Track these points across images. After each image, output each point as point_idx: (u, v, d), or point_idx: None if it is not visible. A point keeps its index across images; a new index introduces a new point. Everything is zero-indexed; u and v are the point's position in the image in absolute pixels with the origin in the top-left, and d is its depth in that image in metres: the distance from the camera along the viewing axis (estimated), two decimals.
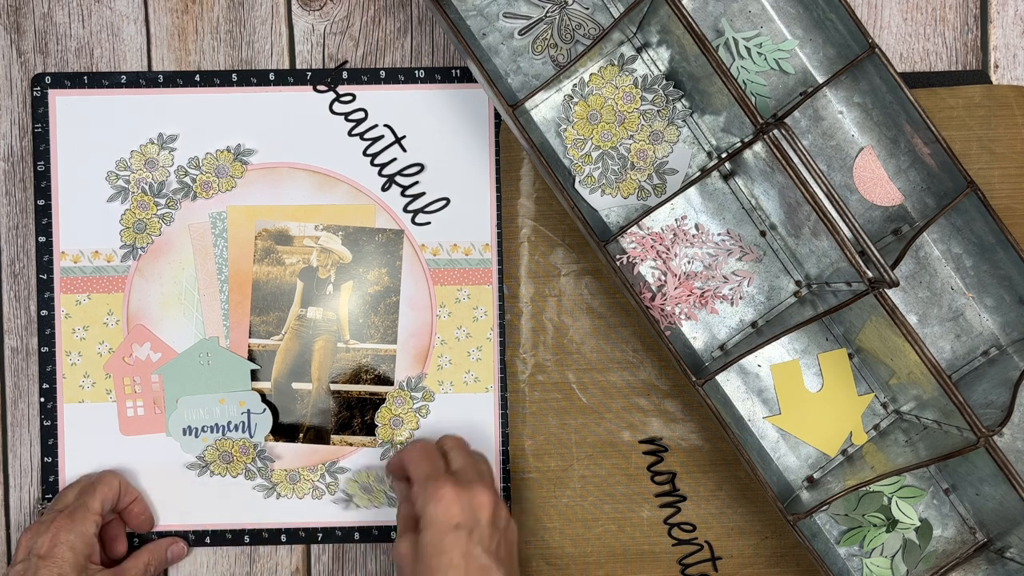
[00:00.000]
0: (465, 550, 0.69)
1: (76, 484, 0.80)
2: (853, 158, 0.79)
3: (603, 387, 0.83)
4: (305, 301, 0.84)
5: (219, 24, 0.84)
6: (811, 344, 0.81)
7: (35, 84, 0.83)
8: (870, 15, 0.83)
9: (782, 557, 0.83)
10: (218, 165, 0.83)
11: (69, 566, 0.74)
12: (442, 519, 0.69)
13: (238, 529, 0.84)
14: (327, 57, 0.84)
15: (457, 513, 0.70)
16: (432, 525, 0.70)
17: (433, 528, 0.69)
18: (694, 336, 0.80)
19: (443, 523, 0.69)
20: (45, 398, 0.83)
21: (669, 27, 0.74)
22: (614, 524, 0.83)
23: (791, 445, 0.80)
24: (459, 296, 0.84)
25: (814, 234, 0.73)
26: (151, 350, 0.84)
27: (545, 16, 0.80)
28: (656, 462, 0.83)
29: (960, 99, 0.81)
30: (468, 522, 0.70)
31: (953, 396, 0.70)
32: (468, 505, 0.70)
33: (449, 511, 0.70)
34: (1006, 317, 0.78)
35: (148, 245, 0.83)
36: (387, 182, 0.84)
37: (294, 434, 0.84)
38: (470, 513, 0.70)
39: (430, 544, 0.69)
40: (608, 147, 0.79)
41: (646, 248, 0.79)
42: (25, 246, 0.84)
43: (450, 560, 0.68)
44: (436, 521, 0.69)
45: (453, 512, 0.70)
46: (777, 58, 0.79)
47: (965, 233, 0.78)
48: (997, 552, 0.78)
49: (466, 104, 0.83)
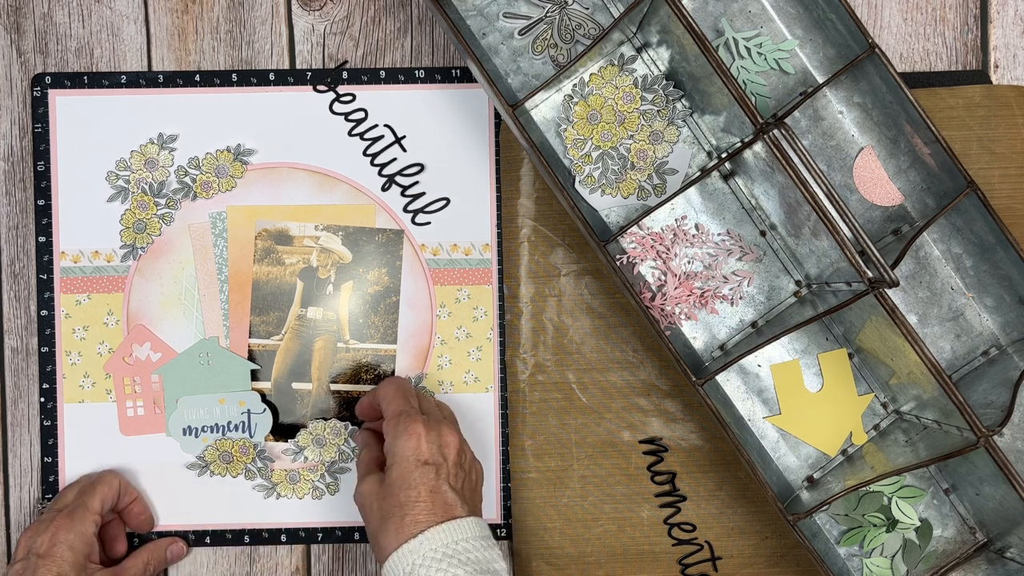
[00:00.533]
0: (433, 486, 0.70)
1: (76, 484, 0.80)
2: (853, 158, 0.79)
3: (603, 387, 0.83)
4: (305, 301, 0.84)
5: (219, 24, 0.84)
6: (811, 344, 0.81)
7: (35, 84, 0.83)
8: (870, 15, 0.83)
9: (782, 557, 0.83)
10: (218, 165, 0.83)
11: (68, 565, 0.74)
12: (411, 455, 0.71)
13: (238, 529, 0.84)
14: (327, 57, 0.84)
15: (426, 450, 0.71)
16: (402, 460, 0.71)
17: (402, 463, 0.71)
18: (694, 336, 0.80)
19: (412, 459, 0.71)
20: (45, 398, 0.83)
21: (669, 27, 0.74)
22: (614, 524, 0.83)
23: (791, 445, 0.80)
24: (459, 296, 0.84)
25: (814, 234, 0.73)
26: (151, 350, 0.84)
27: (545, 16, 0.80)
28: (656, 462, 0.83)
29: (960, 99, 0.81)
30: (436, 459, 0.72)
31: (953, 396, 0.70)
32: (436, 443, 0.72)
33: (419, 447, 0.71)
34: (1006, 317, 0.78)
35: (148, 245, 0.83)
36: (387, 182, 0.84)
37: (294, 434, 0.84)
38: (438, 451, 0.72)
39: (399, 478, 0.71)
40: (608, 147, 0.79)
41: (646, 248, 0.79)
42: (25, 246, 0.84)
43: (418, 494, 0.70)
44: (406, 457, 0.71)
45: (422, 449, 0.71)
46: (777, 58, 0.79)
47: (965, 233, 0.78)
48: (997, 552, 0.78)
49: (466, 104, 0.83)
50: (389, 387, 0.77)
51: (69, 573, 0.74)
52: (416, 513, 0.69)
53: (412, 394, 0.77)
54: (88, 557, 0.76)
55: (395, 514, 0.70)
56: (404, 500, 0.70)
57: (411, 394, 0.77)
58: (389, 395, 0.76)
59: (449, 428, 0.74)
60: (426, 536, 0.68)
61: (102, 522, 0.79)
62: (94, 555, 0.77)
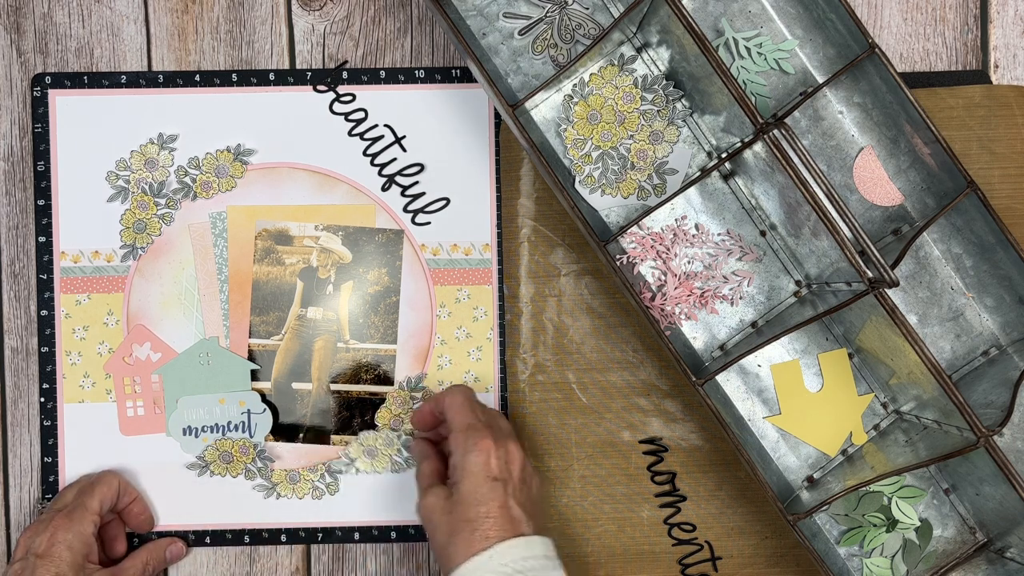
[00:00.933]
0: (502, 502, 0.70)
1: (75, 484, 0.80)
2: (853, 158, 0.79)
3: (603, 387, 0.83)
4: (305, 301, 0.84)
5: (219, 24, 0.84)
6: (811, 344, 0.81)
7: (35, 84, 0.83)
8: (870, 15, 0.83)
9: (782, 557, 0.83)
10: (218, 165, 0.83)
11: (67, 565, 0.74)
12: (482, 470, 0.70)
13: (238, 529, 0.84)
14: (327, 57, 0.84)
15: (495, 466, 0.71)
16: (471, 476, 0.70)
17: (472, 479, 0.70)
18: (694, 336, 0.80)
19: (482, 474, 0.70)
20: (45, 398, 0.83)
21: (669, 27, 0.74)
22: (614, 524, 0.83)
23: (791, 445, 0.80)
24: (459, 296, 0.84)
25: (814, 234, 0.73)
26: (151, 350, 0.84)
27: (545, 16, 0.80)
28: (656, 462, 0.83)
29: (960, 99, 0.81)
30: (503, 475, 0.71)
31: (953, 396, 0.70)
32: (504, 459, 0.72)
33: (488, 463, 0.71)
34: (1006, 317, 0.78)
35: (148, 245, 0.83)
36: (387, 182, 0.84)
37: (294, 434, 0.84)
38: (505, 467, 0.71)
39: (469, 494, 0.70)
40: (608, 147, 0.79)
41: (646, 248, 0.79)
42: (25, 246, 0.84)
43: (488, 510, 0.69)
44: (475, 472, 0.70)
45: (492, 465, 0.71)
46: (777, 58, 0.79)
47: (965, 233, 0.78)
48: (997, 552, 0.78)
49: (466, 104, 0.83)
50: (457, 396, 0.75)
51: (67, 573, 0.74)
52: (486, 529, 0.69)
53: (478, 405, 0.76)
54: (87, 557, 0.76)
55: (464, 529, 0.69)
56: (474, 516, 0.69)
57: (477, 405, 0.76)
58: (456, 405, 0.75)
59: (515, 443, 0.73)
60: (496, 551, 0.68)
61: (101, 522, 0.79)
62: (93, 555, 0.77)
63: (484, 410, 0.77)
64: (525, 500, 0.72)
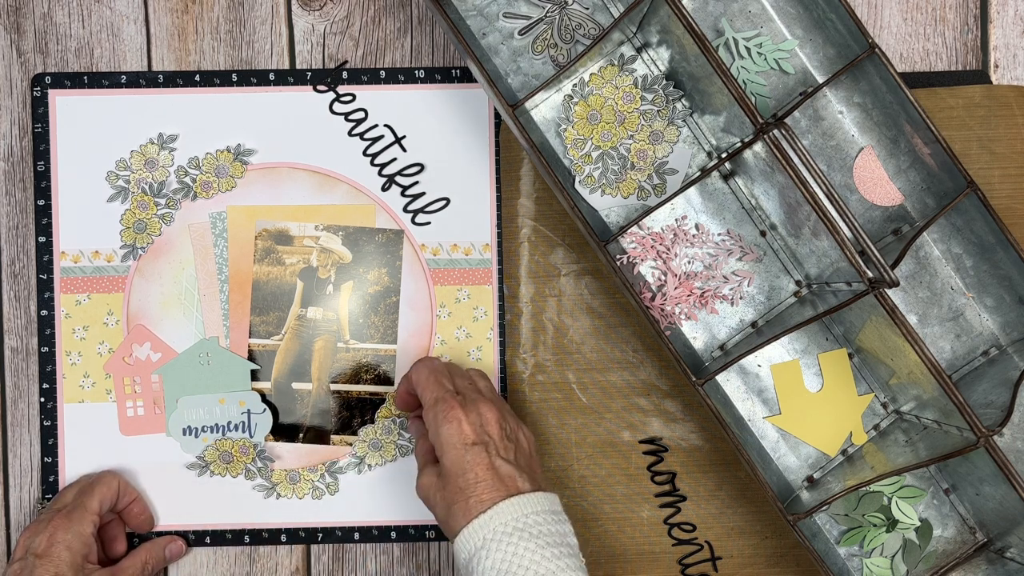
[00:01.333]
0: (487, 463, 0.70)
1: (75, 484, 0.80)
2: (853, 158, 0.79)
3: (603, 387, 0.83)
4: (305, 301, 0.84)
5: (219, 24, 0.84)
6: (811, 344, 0.81)
7: (35, 84, 0.83)
8: (870, 15, 0.83)
9: (782, 557, 0.83)
10: (218, 165, 0.83)
11: (66, 565, 0.74)
12: (456, 440, 0.70)
13: (238, 529, 0.84)
14: (327, 57, 0.84)
15: (469, 431, 0.71)
16: (449, 448, 0.71)
17: (451, 451, 0.70)
18: (694, 336, 0.80)
19: (458, 443, 0.70)
20: (45, 398, 0.83)
21: (669, 27, 0.74)
22: (614, 524, 0.83)
23: (791, 445, 0.80)
24: (459, 296, 0.84)
25: (814, 234, 0.73)
26: (151, 350, 0.84)
27: (545, 16, 0.80)
28: (656, 462, 0.83)
29: (960, 99, 0.81)
30: (482, 438, 0.71)
31: (953, 396, 0.70)
32: (478, 422, 0.71)
33: (462, 431, 0.71)
34: (1006, 317, 0.78)
35: (148, 245, 0.83)
36: (387, 182, 0.84)
37: (294, 434, 0.84)
38: (481, 429, 0.71)
39: (453, 465, 0.70)
40: (608, 147, 0.79)
41: (646, 248, 0.79)
42: (25, 246, 0.84)
43: (476, 476, 0.69)
44: (452, 443, 0.71)
45: (465, 431, 0.71)
46: (777, 58, 0.79)
47: (965, 233, 0.78)
48: (997, 552, 0.78)
49: (466, 104, 0.83)
50: (421, 371, 0.75)
51: (66, 573, 0.74)
52: (480, 493, 0.69)
53: (445, 374, 0.75)
54: (86, 557, 0.76)
55: (459, 499, 0.69)
56: (464, 484, 0.69)
57: (444, 375, 0.75)
58: (422, 381, 0.74)
59: (486, 403, 0.73)
60: (494, 511, 0.68)
61: (101, 522, 0.79)
62: (92, 555, 0.77)
63: (454, 373, 0.76)
64: (513, 456, 0.72)
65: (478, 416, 0.72)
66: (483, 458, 0.70)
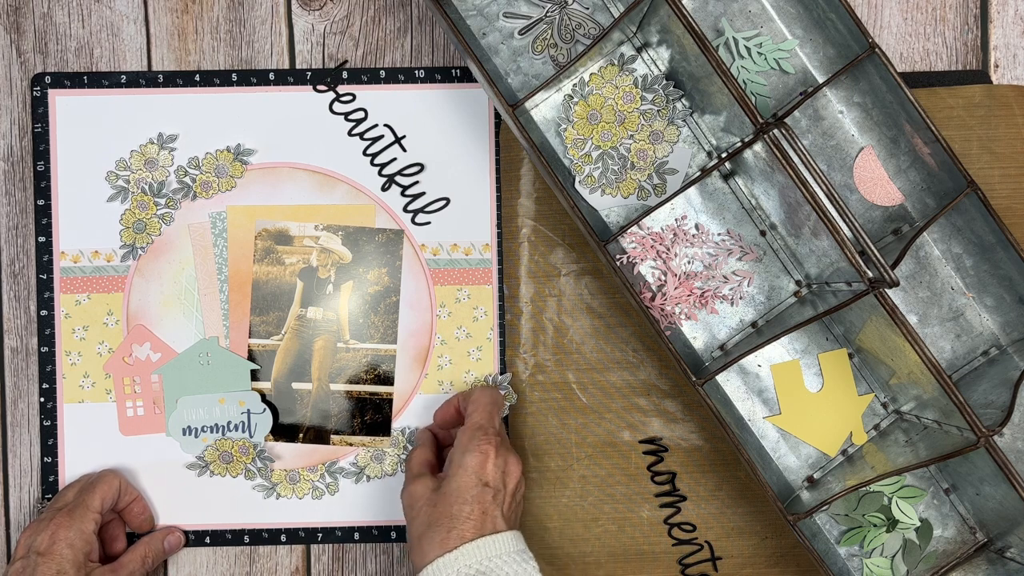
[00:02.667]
0: (487, 507, 0.71)
1: (76, 483, 0.80)
2: (853, 158, 0.79)
3: (603, 387, 0.83)
4: (305, 301, 0.84)
5: (219, 24, 0.84)
6: (811, 344, 0.81)
7: (35, 84, 0.83)
8: (870, 15, 0.83)
9: (782, 557, 0.83)
10: (218, 165, 0.83)
11: (68, 563, 0.74)
12: (476, 471, 0.71)
13: (238, 529, 0.84)
14: (327, 57, 0.84)
15: (491, 471, 0.72)
16: (464, 474, 0.71)
17: (464, 477, 0.71)
18: (694, 336, 0.80)
19: (475, 475, 0.71)
20: (45, 398, 0.83)
21: (669, 27, 0.74)
22: (614, 524, 0.83)
23: (791, 445, 0.80)
24: (459, 296, 0.84)
25: (814, 234, 0.73)
26: (151, 350, 0.84)
27: (545, 16, 0.80)
28: (656, 462, 0.83)
29: (960, 99, 0.81)
30: (497, 484, 0.72)
31: (953, 396, 0.70)
32: (502, 468, 0.73)
33: (484, 466, 0.72)
34: (1006, 317, 0.78)
35: (148, 245, 0.83)
36: (387, 182, 0.84)
37: (294, 434, 0.84)
38: (501, 477, 0.72)
39: (458, 490, 0.71)
40: (608, 147, 0.79)
41: (646, 248, 0.79)
42: (25, 246, 0.84)
43: (471, 511, 0.70)
44: (469, 471, 0.71)
45: (487, 469, 0.72)
46: (777, 58, 0.79)
47: (965, 233, 0.78)
48: (997, 552, 0.78)
49: (466, 104, 0.83)
50: (485, 395, 0.77)
51: (69, 571, 0.74)
52: (464, 529, 0.69)
53: (499, 413, 0.77)
54: (88, 555, 0.76)
55: (443, 524, 0.70)
56: (456, 513, 0.70)
57: (499, 411, 0.77)
58: (482, 404, 0.76)
59: (516, 459, 0.74)
60: (462, 551, 0.69)
61: (102, 521, 0.79)
62: (94, 553, 0.77)
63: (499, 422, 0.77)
64: (510, 515, 0.73)
65: (504, 463, 0.73)
66: (486, 501, 0.71)
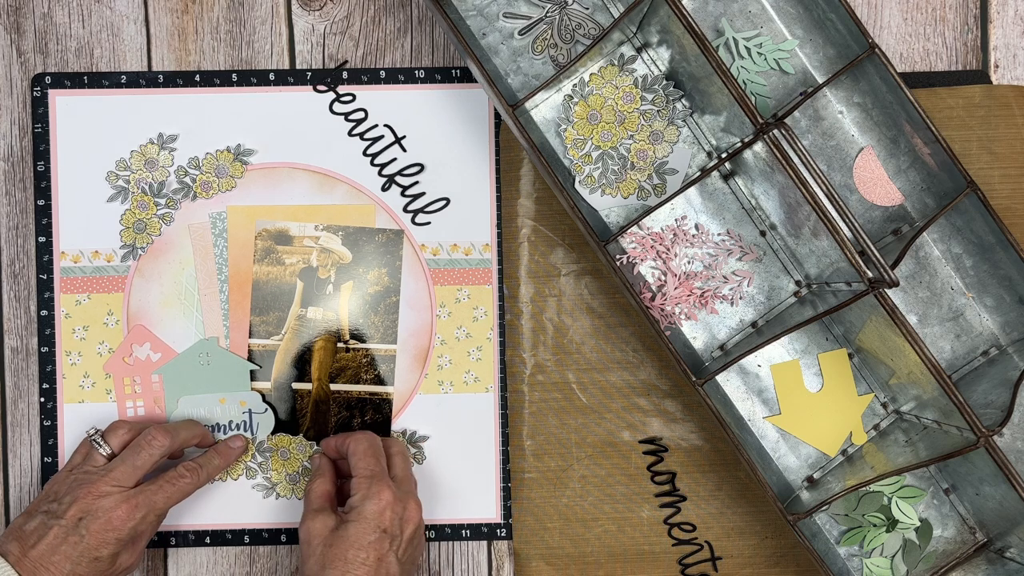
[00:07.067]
0: (382, 555, 0.72)
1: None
2: (853, 158, 0.79)
3: (603, 387, 0.83)
4: (305, 301, 0.84)
5: (219, 24, 0.84)
6: (811, 344, 0.81)
7: (35, 84, 0.83)
8: (870, 15, 0.83)
9: (782, 557, 0.83)
10: (218, 165, 0.83)
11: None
12: (374, 520, 0.73)
13: (238, 529, 0.84)
14: (327, 57, 0.84)
15: (388, 519, 0.73)
16: (363, 520, 0.72)
17: (363, 524, 0.72)
18: (694, 336, 0.80)
19: (373, 523, 0.72)
20: (45, 398, 0.83)
21: (669, 27, 0.74)
22: (614, 524, 0.83)
23: (791, 445, 0.80)
24: (459, 296, 0.84)
25: (814, 234, 0.73)
26: (151, 350, 0.84)
27: (545, 16, 0.80)
28: (656, 462, 0.83)
29: (960, 99, 0.81)
30: (394, 531, 0.73)
31: (953, 396, 0.70)
32: (400, 516, 0.74)
33: (383, 515, 0.73)
34: (1006, 317, 0.78)
35: (148, 245, 0.83)
36: (387, 182, 0.84)
37: (294, 434, 0.84)
38: (398, 524, 0.74)
39: (354, 536, 0.72)
40: (608, 147, 0.79)
41: (646, 248, 0.79)
42: (25, 246, 0.84)
43: (366, 557, 0.71)
44: (368, 519, 0.72)
45: (386, 517, 0.73)
46: (777, 58, 0.79)
47: (965, 233, 0.78)
48: (997, 552, 0.78)
49: (466, 104, 0.83)
50: (361, 443, 0.77)
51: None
52: (357, 574, 0.71)
53: (382, 454, 0.78)
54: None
55: (337, 567, 0.71)
56: (352, 558, 0.71)
57: (381, 455, 0.78)
58: (360, 452, 0.77)
59: (415, 504, 0.75)
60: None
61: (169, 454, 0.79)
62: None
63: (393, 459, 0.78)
64: (406, 561, 0.74)
65: (403, 510, 0.74)
66: (383, 548, 0.72)
